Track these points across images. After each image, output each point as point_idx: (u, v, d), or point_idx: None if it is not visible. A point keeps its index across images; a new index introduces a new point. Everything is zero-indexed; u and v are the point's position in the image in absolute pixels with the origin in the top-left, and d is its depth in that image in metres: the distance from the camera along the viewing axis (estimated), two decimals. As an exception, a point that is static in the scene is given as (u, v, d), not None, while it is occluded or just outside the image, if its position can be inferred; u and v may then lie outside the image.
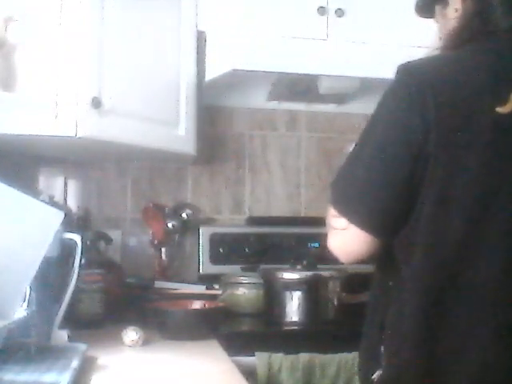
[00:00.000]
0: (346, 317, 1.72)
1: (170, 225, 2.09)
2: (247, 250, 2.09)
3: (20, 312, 1.13)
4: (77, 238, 1.29)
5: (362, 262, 1.03)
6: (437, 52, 1.09)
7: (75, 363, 1.11)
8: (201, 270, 2.11)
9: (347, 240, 1.02)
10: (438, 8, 1.16)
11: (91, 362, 1.21)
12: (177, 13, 1.81)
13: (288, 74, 1.94)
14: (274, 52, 1.82)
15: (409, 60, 1.00)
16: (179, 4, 1.82)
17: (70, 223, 1.52)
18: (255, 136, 2.23)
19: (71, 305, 1.31)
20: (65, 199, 2.01)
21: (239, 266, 2.01)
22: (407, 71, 0.98)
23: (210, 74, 1.88)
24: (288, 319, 1.72)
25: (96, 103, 1.53)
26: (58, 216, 1.18)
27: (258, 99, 2.21)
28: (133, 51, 1.66)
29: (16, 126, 1.44)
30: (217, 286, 1.88)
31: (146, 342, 1.41)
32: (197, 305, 1.63)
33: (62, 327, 1.27)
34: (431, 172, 0.92)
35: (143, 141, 1.68)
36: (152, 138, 1.71)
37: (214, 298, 1.75)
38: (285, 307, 1.74)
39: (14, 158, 1.76)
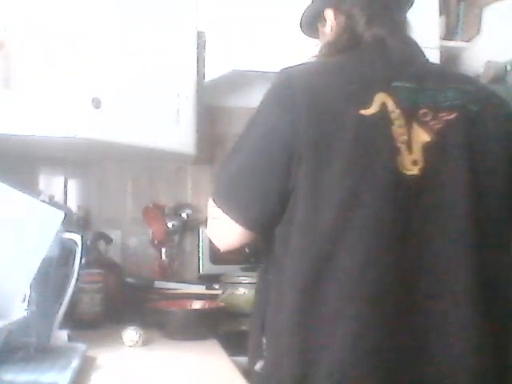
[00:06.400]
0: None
1: (170, 225, 2.09)
2: (247, 250, 2.09)
3: (20, 312, 1.13)
4: (77, 238, 1.29)
5: (235, 249, 1.14)
6: (313, 59, 1.21)
7: (75, 363, 1.11)
8: (201, 270, 2.11)
9: (220, 229, 1.12)
10: (319, 26, 1.27)
11: (91, 362, 1.21)
12: (177, 13, 1.81)
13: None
14: (273, 52, 1.82)
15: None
16: (179, 4, 1.82)
17: (69, 223, 1.52)
18: (255, 136, 2.23)
19: (71, 305, 1.30)
20: (65, 199, 2.01)
21: (239, 266, 2.01)
22: (283, 75, 1.08)
23: (210, 74, 1.88)
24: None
25: (96, 103, 1.53)
26: (58, 216, 1.18)
27: (258, 99, 2.20)
28: (133, 51, 1.66)
29: (16, 126, 1.44)
30: (217, 286, 1.88)
31: (145, 342, 1.41)
32: (197, 305, 1.63)
33: (62, 327, 1.27)
34: (302, 170, 1.00)
35: (143, 141, 1.68)
36: (152, 138, 1.71)
37: (214, 298, 1.75)
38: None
39: (14, 158, 1.76)
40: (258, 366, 1.08)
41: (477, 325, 1.00)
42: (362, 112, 1.01)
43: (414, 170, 1.01)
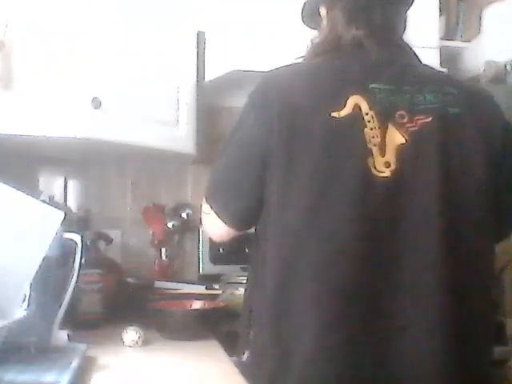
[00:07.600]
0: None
1: (170, 225, 2.09)
2: (247, 250, 2.09)
3: (20, 312, 1.13)
4: (77, 238, 1.29)
5: (226, 241, 1.20)
6: (298, 61, 1.20)
7: (75, 363, 1.11)
8: (201, 270, 2.11)
9: (210, 223, 1.18)
10: (318, 22, 1.24)
11: (91, 362, 1.21)
12: (177, 13, 1.81)
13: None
14: (273, 52, 1.82)
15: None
16: (179, 4, 1.82)
17: (69, 223, 1.52)
18: (255, 136, 2.23)
19: (71, 305, 1.30)
20: (65, 199, 2.01)
21: (239, 266, 2.00)
22: (262, 79, 1.11)
23: (210, 74, 1.88)
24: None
25: (96, 103, 1.53)
26: (58, 216, 1.18)
27: (258, 99, 2.20)
28: (133, 51, 1.66)
29: (16, 126, 1.44)
30: (217, 286, 1.88)
31: (146, 342, 1.41)
32: (197, 305, 1.63)
33: (62, 327, 1.27)
34: (274, 171, 1.03)
35: (143, 141, 1.68)
36: (152, 138, 1.71)
37: (214, 298, 1.75)
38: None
39: (14, 158, 1.76)
40: (245, 355, 1.12)
41: (442, 329, 1.00)
42: (334, 114, 1.01)
43: (386, 172, 1.01)
